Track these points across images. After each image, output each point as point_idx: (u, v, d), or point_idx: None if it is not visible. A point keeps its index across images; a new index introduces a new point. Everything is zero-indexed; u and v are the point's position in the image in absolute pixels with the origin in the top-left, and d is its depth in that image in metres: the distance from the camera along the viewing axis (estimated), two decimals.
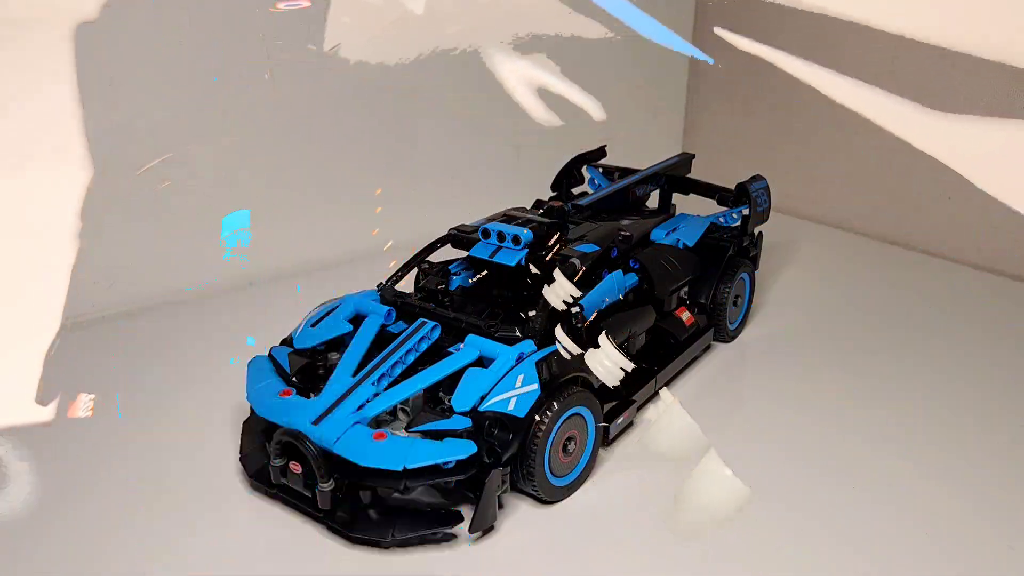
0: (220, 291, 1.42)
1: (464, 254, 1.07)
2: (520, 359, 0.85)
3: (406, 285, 1.10)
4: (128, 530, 0.83)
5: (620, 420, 0.95)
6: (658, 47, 1.88)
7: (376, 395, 0.83)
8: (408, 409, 0.87)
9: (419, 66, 1.54)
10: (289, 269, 1.50)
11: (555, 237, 0.99)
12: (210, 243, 1.42)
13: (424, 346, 0.90)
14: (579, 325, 0.92)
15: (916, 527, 0.83)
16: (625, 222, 1.14)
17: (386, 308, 0.96)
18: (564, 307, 0.92)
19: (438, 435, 0.79)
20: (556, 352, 0.86)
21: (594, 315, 0.95)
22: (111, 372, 1.15)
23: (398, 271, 1.04)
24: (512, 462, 0.81)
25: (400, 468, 0.75)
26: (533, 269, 0.96)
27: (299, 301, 1.08)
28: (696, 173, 1.38)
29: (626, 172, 1.36)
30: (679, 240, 1.16)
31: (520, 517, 0.85)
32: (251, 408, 0.89)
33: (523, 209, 1.11)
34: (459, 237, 1.05)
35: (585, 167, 1.40)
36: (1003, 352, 1.19)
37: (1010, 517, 0.85)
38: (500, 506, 0.84)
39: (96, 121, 1.26)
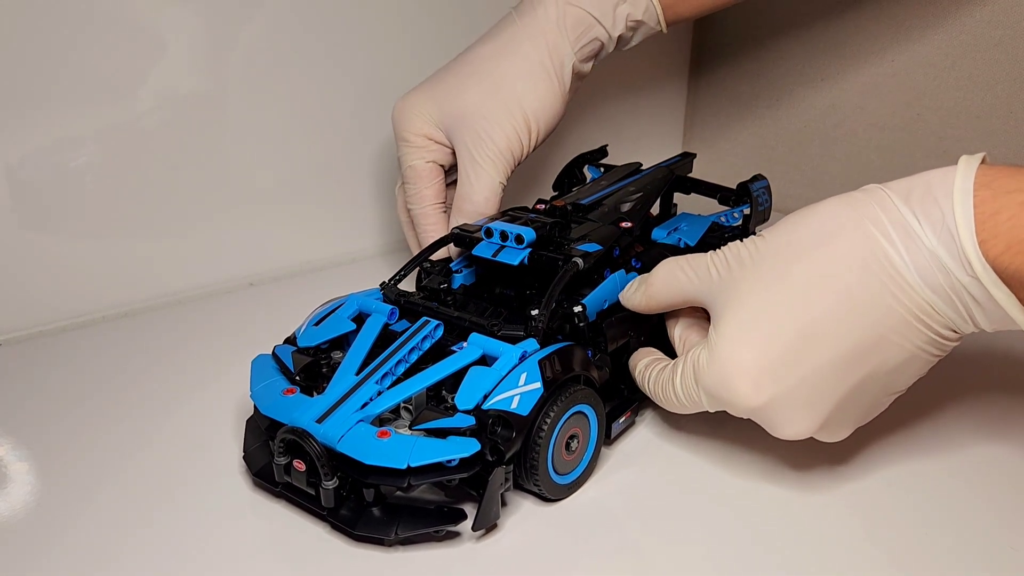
0: (220, 291, 1.42)
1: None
2: (523, 358, 0.85)
3: (409, 284, 1.10)
4: (131, 528, 0.83)
5: (623, 419, 0.95)
6: (659, 46, 1.88)
7: (379, 393, 0.83)
8: (411, 407, 0.87)
9: (419, 65, 1.54)
10: (289, 269, 1.50)
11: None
12: (210, 243, 1.42)
13: (427, 345, 0.90)
14: (581, 324, 0.92)
15: (916, 526, 0.83)
16: (626, 206, 1.14)
17: (389, 307, 0.96)
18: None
19: (441, 433, 0.79)
20: (559, 351, 0.86)
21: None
22: (112, 372, 1.15)
23: (401, 270, 1.04)
24: (515, 460, 0.82)
25: (403, 466, 0.75)
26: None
27: (301, 300, 1.08)
28: (697, 173, 1.39)
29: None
30: (680, 240, 1.16)
31: (523, 515, 0.85)
32: (255, 406, 0.89)
33: (525, 208, 1.11)
34: (462, 236, 1.05)
35: (586, 167, 1.40)
36: (1003, 352, 1.19)
37: (1011, 517, 0.85)
38: (503, 504, 0.84)
39: (96, 119, 1.26)
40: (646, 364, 0.95)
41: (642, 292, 0.94)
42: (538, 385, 0.81)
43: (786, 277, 0.79)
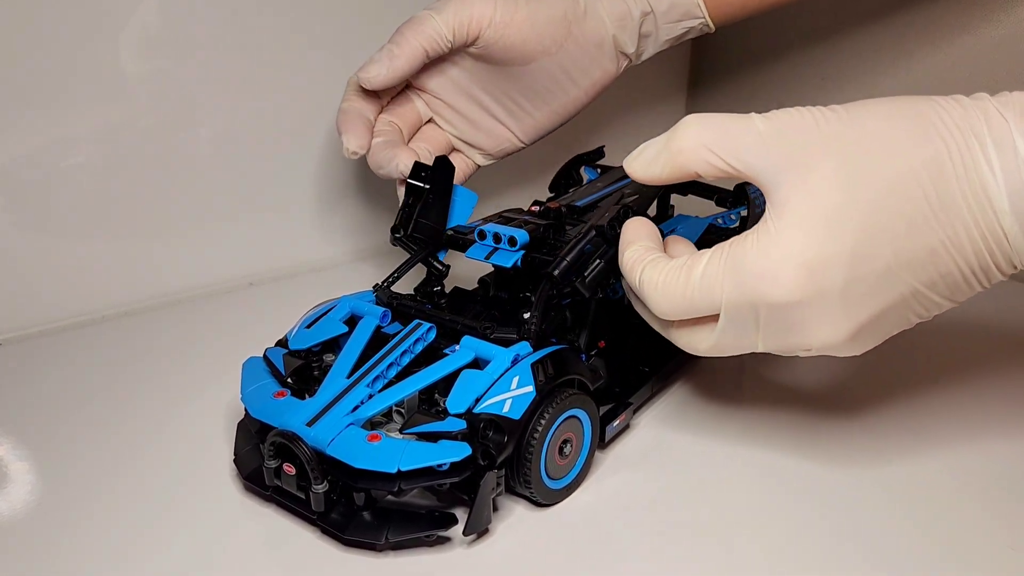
0: (220, 291, 1.42)
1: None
2: (515, 361, 0.84)
3: (401, 286, 1.10)
4: (121, 530, 0.84)
5: (616, 422, 0.95)
6: None
7: (371, 397, 0.83)
8: (403, 411, 0.87)
9: None
10: (289, 269, 1.50)
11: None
12: (210, 243, 1.43)
13: (419, 348, 0.90)
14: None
15: (916, 527, 0.83)
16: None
17: (381, 309, 0.96)
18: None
19: (432, 437, 0.79)
20: (552, 354, 0.86)
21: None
22: (112, 372, 1.15)
23: (395, 272, 1.04)
24: (507, 464, 0.81)
25: (394, 470, 0.75)
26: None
27: (301, 301, 1.08)
28: None
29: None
30: None
31: (515, 520, 0.85)
32: (245, 409, 0.89)
33: (519, 210, 1.11)
34: (455, 238, 1.05)
35: (583, 168, 1.39)
36: (1003, 351, 1.19)
37: (1011, 517, 0.84)
38: (495, 509, 0.84)
39: (95, 119, 1.26)
40: (641, 251, 0.84)
41: (664, 157, 0.80)
42: (530, 389, 0.81)
43: (870, 172, 0.72)
